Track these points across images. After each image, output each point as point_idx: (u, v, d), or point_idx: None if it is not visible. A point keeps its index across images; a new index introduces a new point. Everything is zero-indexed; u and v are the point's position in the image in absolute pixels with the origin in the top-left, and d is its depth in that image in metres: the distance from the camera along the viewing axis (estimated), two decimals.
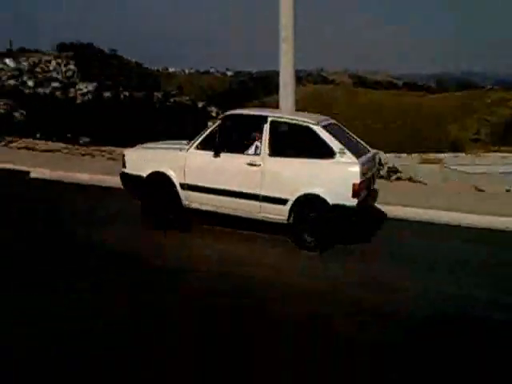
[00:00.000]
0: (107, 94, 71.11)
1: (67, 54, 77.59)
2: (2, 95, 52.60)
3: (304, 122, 5.96)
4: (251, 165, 5.85)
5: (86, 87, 68.31)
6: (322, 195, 5.58)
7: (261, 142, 5.96)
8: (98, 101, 69.00)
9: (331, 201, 5.52)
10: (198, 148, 6.12)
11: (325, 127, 5.89)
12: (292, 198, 5.69)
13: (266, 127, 5.91)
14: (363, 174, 5.61)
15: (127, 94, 74.84)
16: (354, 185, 5.47)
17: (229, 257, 5.39)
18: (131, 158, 6.58)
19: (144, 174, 6.27)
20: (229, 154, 6.00)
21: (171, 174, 6.19)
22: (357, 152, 5.84)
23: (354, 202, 5.47)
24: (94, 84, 69.54)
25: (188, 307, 3.97)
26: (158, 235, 6.02)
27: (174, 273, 4.77)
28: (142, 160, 6.46)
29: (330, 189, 5.58)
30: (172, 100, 78.68)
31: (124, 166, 6.54)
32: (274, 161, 5.84)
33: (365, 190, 5.81)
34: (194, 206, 6.21)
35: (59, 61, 73.25)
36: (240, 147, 6.10)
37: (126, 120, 54.87)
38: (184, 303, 4.05)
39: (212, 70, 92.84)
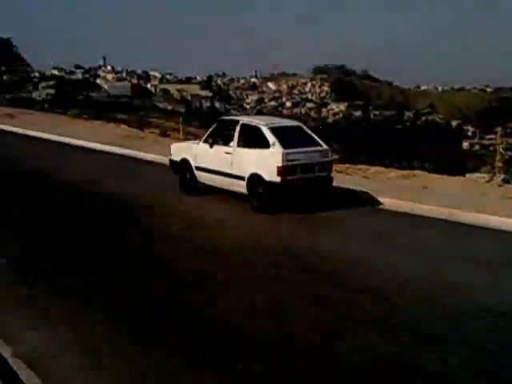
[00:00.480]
0: (357, 114, 76.52)
1: (321, 76, 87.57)
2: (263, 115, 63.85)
3: (257, 124, 8.63)
4: (227, 153, 8.88)
5: (338, 107, 75.67)
6: (261, 174, 8.18)
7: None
8: (348, 120, 74.93)
9: (267, 178, 8.07)
10: (204, 142, 9.47)
11: (271, 128, 8.40)
12: (246, 176, 8.45)
13: (238, 128, 8.80)
14: (289, 160, 7.90)
15: (377, 112, 78.39)
16: (277, 167, 7.95)
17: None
18: (173, 149, 10.47)
19: (178, 159, 10.03)
20: (217, 146, 9.19)
21: (190, 159, 9.70)
22: (294, 146, 8.10)
23: (278, 179, 8.05)
24: (345, 104, 76.15)
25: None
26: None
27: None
28: (178, 150, 10.24)
29: (265, 170, 8.29)
30: (423, 118, 77.97)
31: (170, 154, 10.43)
32: (239, 150, 8.69)
33: (295, 172, 8.22)
34: (203, 181, 9.60)
35: (314, 83, 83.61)
36: (226, 141, 9.11)
37: (375, 139, 57.67)
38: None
39: (468, 87, 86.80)
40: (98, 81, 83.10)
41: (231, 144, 8.97)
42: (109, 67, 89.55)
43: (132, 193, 10.01)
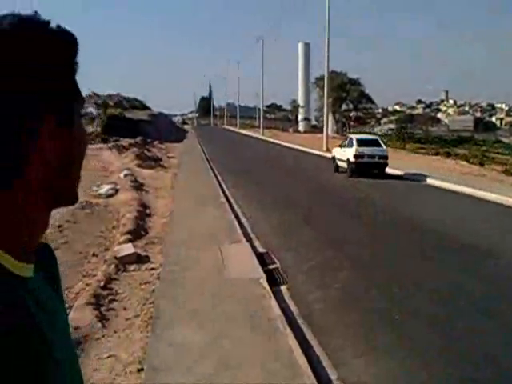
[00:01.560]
0: None
1: None
2: None
3: (352, 136, 25.51)
4: (343, 151, 18.77)
5: None
6: (349, 157, 17.72)
7: None
8: None
9: (350, 159, 17.36)
10: (339, 146, 19.49)
11: (356, 138, 19.72)
12: (345, 159, 18.14)
13: (348, 139, 20.86)
14: (359, 152, 17.23)
15: None
16: (353, 154, 17.29)
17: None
18: (335, 152, 19.81)
19: (332, 156, 20.53)
20: (342, 148, 19.07)
21: (335, 154, 19.76)
22: (365, 146, 17.79)
23: (354, 160, 17.16)
24: None
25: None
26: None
27: None
28: (334, 151, 20.25)
29: (350, 156, 17.53)
30: None
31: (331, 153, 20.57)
32: (346, 149, 18.44)
33: (362, 157, 17.31)
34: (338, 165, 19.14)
35: None
36: (344, 146, 18.98)
37: None
38: None
39: None
40: (439, 115, 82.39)
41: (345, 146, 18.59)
42: (451, 101, 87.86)
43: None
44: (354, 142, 17.44)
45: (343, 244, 8.47)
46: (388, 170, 18.08)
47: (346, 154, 17.78)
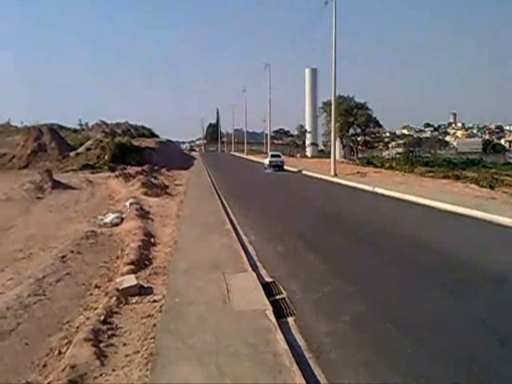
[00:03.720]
0: None
1: None
2: None
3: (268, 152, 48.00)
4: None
5: None
6: (264, 162, 41.87)
7: None
8: None
9: (266, 164, 39.85)
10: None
11: (270, 154, 42.30)
12: (274, 164, 39.09)
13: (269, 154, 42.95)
14: (271, 160, 39.15)
15: None
16: (268, 161, 40.03)
17: None
18: (264, 161, 42.12)
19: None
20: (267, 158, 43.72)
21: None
22: (273, 157, 40.19)
23: (268, 163, 39.01)
24: None
25: None
26: None
27: None
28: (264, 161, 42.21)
29: (266, 162, 40.54)
30: None
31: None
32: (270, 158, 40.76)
33: (271, 162, 38.65)
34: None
35: None
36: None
37: None
38: None
39: None
40: (447, 138, 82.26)
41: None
42: (459, 124, 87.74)
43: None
44: (269, 156, 40.21)
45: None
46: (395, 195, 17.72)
47: (266, 161, 39.61)
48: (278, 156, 39.64)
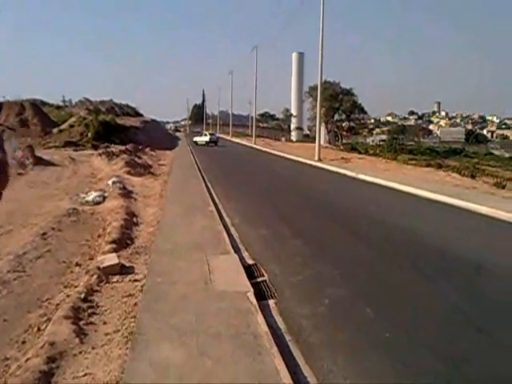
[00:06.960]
0: None
1: None
2: None
3: (205, 132, 60.80)
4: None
5: None
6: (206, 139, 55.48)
7: None
8: None
9: (207, 140, 54.20)
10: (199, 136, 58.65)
11: (209, 133, 57.03)
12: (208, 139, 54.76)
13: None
14: (210, 137, 55.75)
15: None
16: (209, 137, 56.57)
17: None
18: (195, 138, 58.54)
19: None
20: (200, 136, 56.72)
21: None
22: (211, 134, 57.23)
23: (209, 139, 54.54)
24: None
25: None
26: None
27: None
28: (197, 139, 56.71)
29: (207, 138, 55.07)
30: None
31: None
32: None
33: (211, 139, 54.19)
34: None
35: None
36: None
37: None
38: None
39: None
40: (431, 127, 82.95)
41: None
42: (443, 113, 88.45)
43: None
44: (208, 135, 54.62)
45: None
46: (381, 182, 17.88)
47: (204, 139, 53.29)
48: (213, 134, 56.92)
